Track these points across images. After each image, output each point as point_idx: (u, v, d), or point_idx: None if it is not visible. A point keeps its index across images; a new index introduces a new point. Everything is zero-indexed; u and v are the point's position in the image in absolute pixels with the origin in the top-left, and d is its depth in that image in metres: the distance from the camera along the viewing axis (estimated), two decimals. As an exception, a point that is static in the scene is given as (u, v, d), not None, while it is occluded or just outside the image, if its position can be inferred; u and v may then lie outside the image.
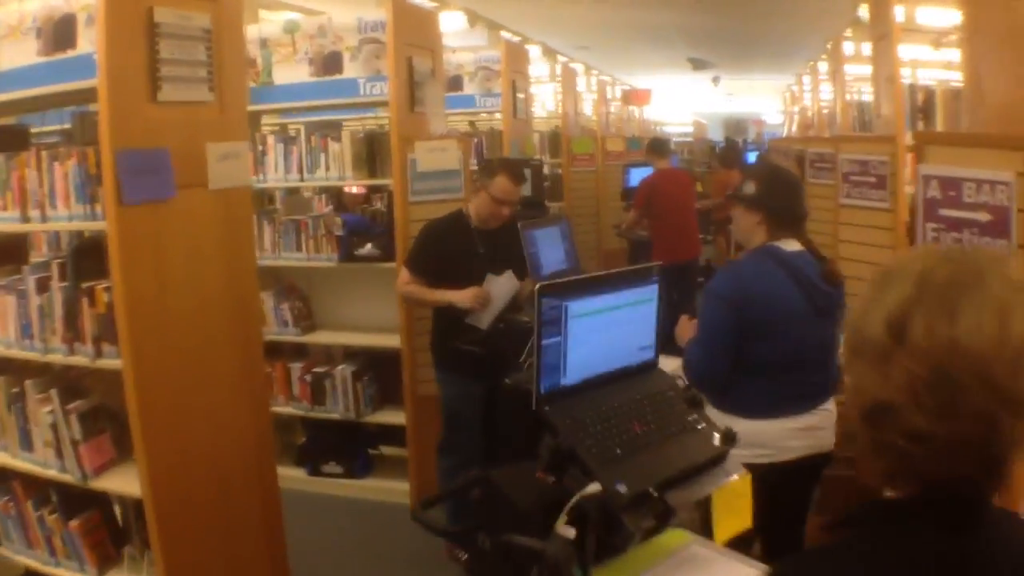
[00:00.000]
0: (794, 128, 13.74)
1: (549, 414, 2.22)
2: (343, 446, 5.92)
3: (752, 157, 12.54)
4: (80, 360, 3.50)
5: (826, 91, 10.91)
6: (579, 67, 16.06)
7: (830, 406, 3.47)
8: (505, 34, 10.23)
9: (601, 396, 2.36)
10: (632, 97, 17.75)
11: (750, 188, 3.44)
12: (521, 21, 13.53)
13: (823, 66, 11.92)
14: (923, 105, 5.22)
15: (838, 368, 3.45)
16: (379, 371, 5.83)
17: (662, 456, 2.24)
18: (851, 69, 13.72)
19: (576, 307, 2.27)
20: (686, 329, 3.62)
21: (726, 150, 11.53)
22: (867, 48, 9.12)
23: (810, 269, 3.35)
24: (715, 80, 25.49)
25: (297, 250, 5.66)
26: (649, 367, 2.57)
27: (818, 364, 3.41)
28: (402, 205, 5.31)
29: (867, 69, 8.59)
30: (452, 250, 4.63)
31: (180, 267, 3.47)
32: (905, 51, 6.08)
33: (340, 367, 5.73)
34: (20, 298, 3.62)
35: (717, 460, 2.31)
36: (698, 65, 21.27)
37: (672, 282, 8.48)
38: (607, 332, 2.40)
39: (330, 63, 5.54)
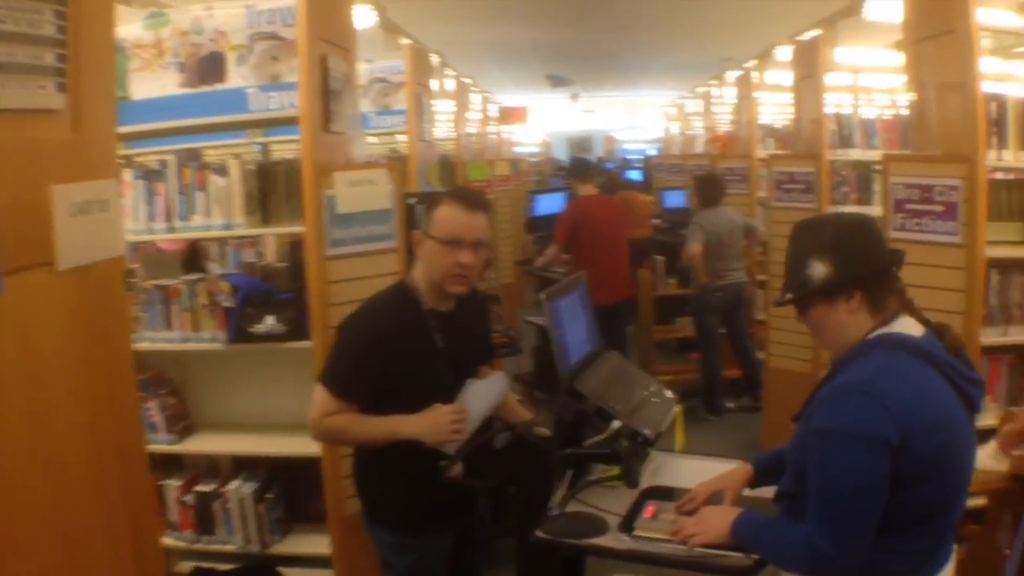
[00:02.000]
0: (699, 145, 12.74)
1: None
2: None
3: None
4: None
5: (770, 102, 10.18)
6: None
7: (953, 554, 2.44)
8: (405, 40, 8.67)
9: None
10: (508, 116, 16.47)
11: (823, 270, 2.38)
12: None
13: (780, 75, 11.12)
14: (997, 118, 4.14)
15: None
16: (287, 485, 4.32)
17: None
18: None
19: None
20: (715, 522, 2.58)
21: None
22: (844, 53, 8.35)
23: (945, 354, 2.35)
24: (574, 97, 24.86)
25: (167, 328, 4.10)
26: None
27: (964, 494, 2.36)
28: (317, 260, 3.88)
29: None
30: (401, 355, 2.95)
31: (14, 418, 1.91)
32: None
33: (235, 484, 4.19)
34: None
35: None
36: (556, 82, 20.40)
37: (600, 327, 7.27)
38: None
39: (208, 69, 3.99)
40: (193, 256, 4.64)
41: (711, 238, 7.38)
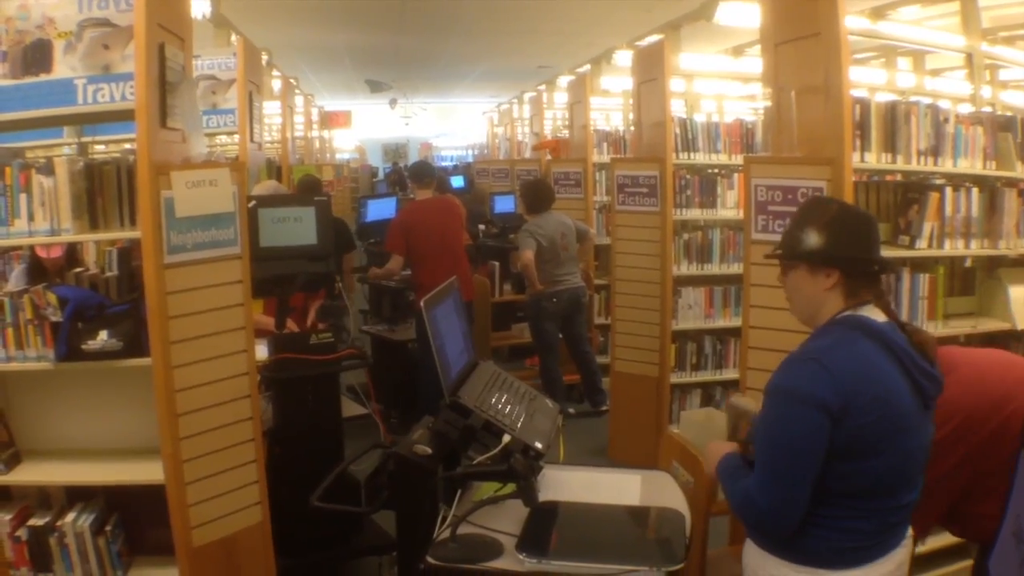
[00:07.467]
0: (526, 150, 12.67)
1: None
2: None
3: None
4: None
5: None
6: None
7: (908, 540, 2.61)
8: (235, 37, 8.19)
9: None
10: (332, 120, 16.05)
11: (815, 240, 2.57)
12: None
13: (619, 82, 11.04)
14: (860, 121, 4.23)
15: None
16: (126, 515, 3.94)
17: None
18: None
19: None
20: (712, 457, 2.82)
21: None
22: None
23: (905, 344, 2.50)
24: (392, 103, 24.67)
25: (-12, 346, 3.65)
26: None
27: (913, 480, 2.54)
28: (154, 269, 3.49)
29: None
30: None
31: None
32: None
33: (71, 516, 3.79)
34: None
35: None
36: (375, 87, 20.14)
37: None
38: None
39: (34, 57, 3.59)
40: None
41: (544, 243, 7.27)
